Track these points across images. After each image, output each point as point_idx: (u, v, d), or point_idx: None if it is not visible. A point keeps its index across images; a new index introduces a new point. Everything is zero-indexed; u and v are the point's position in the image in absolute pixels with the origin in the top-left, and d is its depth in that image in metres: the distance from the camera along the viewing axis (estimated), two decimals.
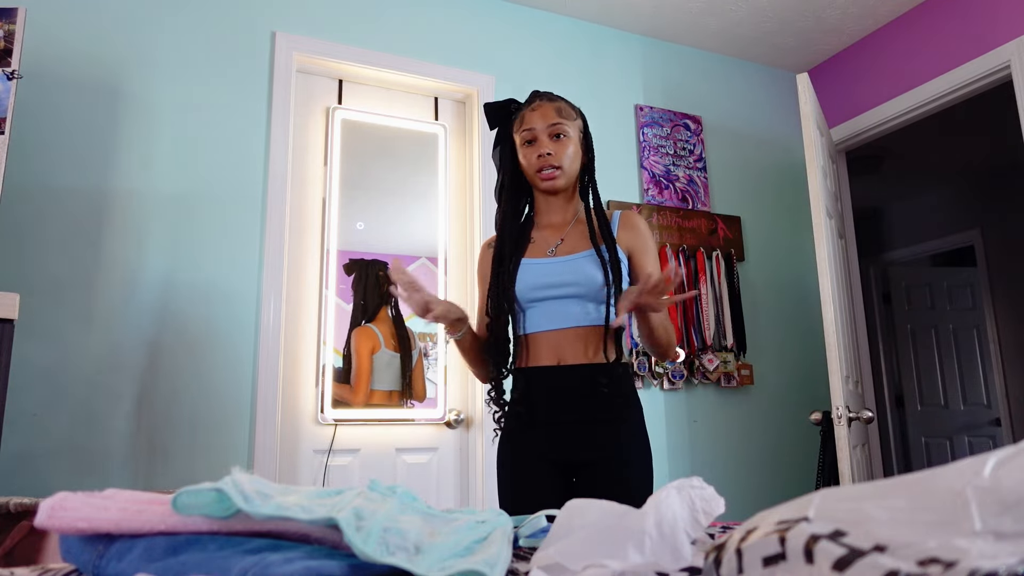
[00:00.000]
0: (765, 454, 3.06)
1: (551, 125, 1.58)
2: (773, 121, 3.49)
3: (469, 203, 2.81)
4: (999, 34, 2.75)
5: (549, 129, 1.58)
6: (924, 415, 4.99)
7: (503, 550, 0.57)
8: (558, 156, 1.57)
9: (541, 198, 1.66)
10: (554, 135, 1.58)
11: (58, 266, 2.13)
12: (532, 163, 1.59)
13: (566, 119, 1.60)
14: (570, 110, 1.63)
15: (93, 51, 2.29)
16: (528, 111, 1.61)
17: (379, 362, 2.51)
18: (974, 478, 0.36)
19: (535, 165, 1.58)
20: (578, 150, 1.62)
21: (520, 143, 1.62)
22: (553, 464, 1.53)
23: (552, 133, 1.58)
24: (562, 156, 1.57)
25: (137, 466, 2.12)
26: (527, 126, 1.60)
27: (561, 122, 1.59)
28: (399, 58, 2.73)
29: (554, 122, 1.58)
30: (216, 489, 0.52)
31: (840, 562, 0.33)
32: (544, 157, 1.56)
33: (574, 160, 1.60)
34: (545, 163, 1.57)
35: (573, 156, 1.60)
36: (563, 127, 1.59)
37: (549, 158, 1.56)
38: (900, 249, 5.34)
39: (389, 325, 2.56)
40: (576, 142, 1.61)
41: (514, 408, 1.57)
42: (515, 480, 1.57)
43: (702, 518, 0.59)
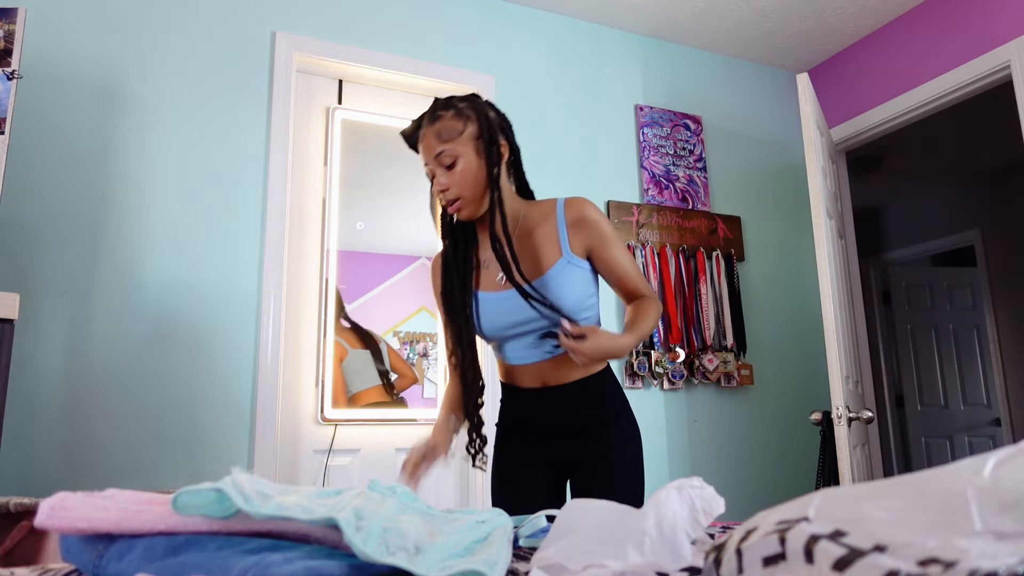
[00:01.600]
0: (765, 454, 3.06)
1: (436, 156, 1.43)
2: (773, 121, 3.49)
3: None
4: (999, 34, 2.75)
5: (436, 161, 1.43)
6: (924, 415, 4.99)
7: (503, 550, 0.57)
8: (453, 187, 1.42)
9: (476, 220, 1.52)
10: (445, 165, 1.43)
11: (58, 266, 2.13)
12: (438, 198, 1.47)
13: (450, 140, 1.42)
14: (455, 124, 1.43)
15: (93, 51, 2.29)
16: (419, 143, 1.48)
17: (351, 366, 2.50)
18: (974, 478, 0.36)
19: (440, 200, 1.46)
20: (478, 163, 1.43)
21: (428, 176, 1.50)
22: (547, 464, 1.54)
23: (442, 164, 1.43)
24: (457, 185, 1.42)
25: (137, 466, 2.12)
26: (423, 160, 1.47)
27: (444, 148, 1.42)
28: (399, 58, 2.73)
29: (438, 152, 1.43)
30: (216, 489, 0.52)
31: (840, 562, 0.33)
32: (440, 193, 1.44)
33: (475, 180, 1.43)
34: (444, 199, 1.45)
35: (471, 177, 1.43)
36: (449, 151, 1.42)
37: (445, 194, 1.43)
38: (900, 249, 5.34)
39: (346, 332, 2.54)
40: (472, 156, 1.43)
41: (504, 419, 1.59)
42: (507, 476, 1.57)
43: (702, 518, 0.59)
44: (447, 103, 1.47)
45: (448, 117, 1.44)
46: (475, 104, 1.47)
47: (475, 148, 1.44)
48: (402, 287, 2.64)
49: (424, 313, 2.65)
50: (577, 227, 1.46)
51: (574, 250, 1.46)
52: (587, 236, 1.46)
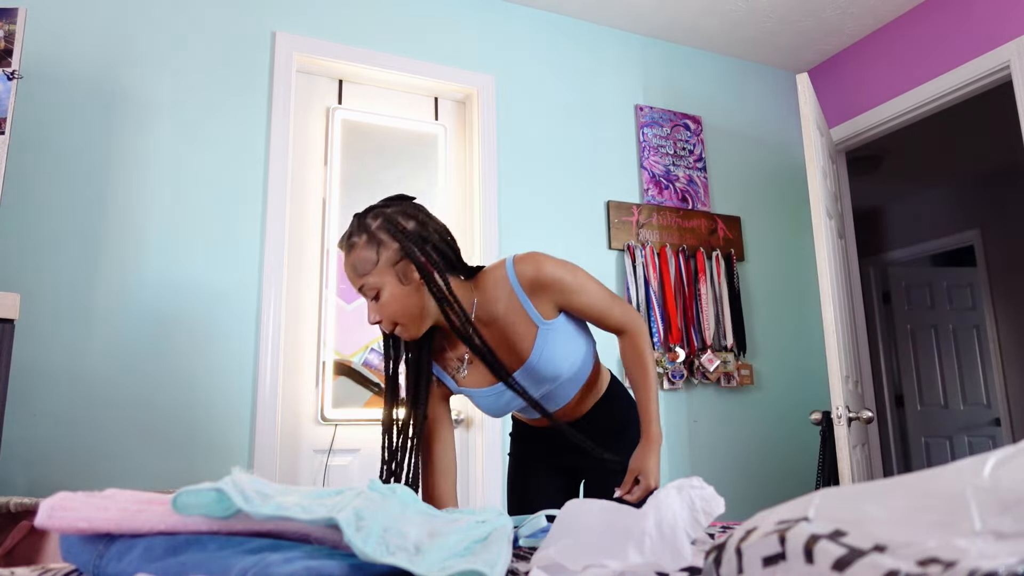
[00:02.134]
0: (765, 454, 3.06)
1: (360, 290, 1.36)
2: (773, 121, 3.49)
3: (469, 203, 2.81)
4: (999, 34, 2.75)
5: (362, 293, 1.36)
6: (924, 415, 4.99)
7: (503, 550, 0.57)
8: (386, 319, 1.34)
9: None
10: (371, 297, 1.35)
11: (58, 266, 2.13)
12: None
13: (367, 274, 1.33)
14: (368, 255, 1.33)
15: (93, 51, 2.29)
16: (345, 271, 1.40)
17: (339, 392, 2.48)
18: (974, 478, 0.36)
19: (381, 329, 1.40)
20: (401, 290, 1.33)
21: None
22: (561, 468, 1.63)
23: (368, 296, 1.35)
24: (388, 314, 1.34)
25: (137, 466, 2.12)
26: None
27: (364, 283, 1.33)
28: (399, 58, 2.73)
29: (359, 286, 1.35)
30: (216, 489, 0.52)
31: (840, 562, 0.33)
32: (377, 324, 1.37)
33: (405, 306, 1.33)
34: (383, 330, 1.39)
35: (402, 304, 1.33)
36: (370, 284, 1.33)
37: (380, 325, 1.37)
38: (900, 249, 5.34)
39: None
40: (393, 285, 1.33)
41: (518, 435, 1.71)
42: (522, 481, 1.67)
43: (702, 518, 0.59)
44: (361, 224, 1.36)
45: (361, 246, 1.34)
46: (390, 220, 1.35)
47: (395, 275, 1.33)
48: None
49: None
50: (537, 291, 1.38)
51: (544, 315, 1.38)
52: (551, 295, 1.38)
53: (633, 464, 1.42)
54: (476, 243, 2.72)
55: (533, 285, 1.37)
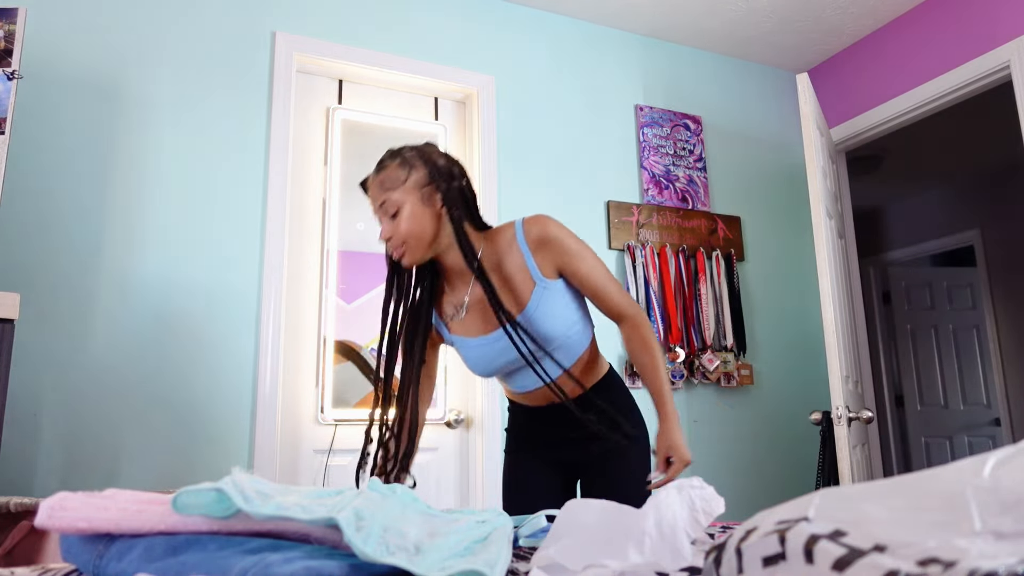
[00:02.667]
0: (765, 454, 3.06)
1: (380, 205, 1.43)
2: (773, 121, 3.49)
3: None
4: (999, 34, 2.75)
5: (380, 210, 1.44)
6: (924, 415, 4.99)
7: (503, 550, 0.57)
8: (396, 235, 1.41)
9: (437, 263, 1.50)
10: (389, 214, 1.42)
11: (58, 266, 2.13)
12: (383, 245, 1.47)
13: (392, 188, 1.42)
14: (398, 171, 1.43)
15: (93, 51, 2.29)
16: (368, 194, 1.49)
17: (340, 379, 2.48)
18: (974, 478, 0.36)
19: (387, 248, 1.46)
20: (421, 210, 1.41)
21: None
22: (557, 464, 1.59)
23: (387, 213, 1.42)
24: (400, 233, 1.40)
25: (137, 466, 2.12)
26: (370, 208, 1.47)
27: (386, 197, 1.42)
28: (399, 58, 2.73)
29: (380, 201, 1.43)
30: (216, 489, 0.52)
31: (840, 562, 0.33)
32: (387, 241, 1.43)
33: (418, 227, 1.41)
34: (389, 247, 1.44)
35: (416, 223, 1.40)
36: (391, 200, 1.41)
37: (389, 243, 1.43)
38: (900, 249, 5.34)
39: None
40: (414, 204, 1.41)
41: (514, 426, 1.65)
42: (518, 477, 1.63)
43: (702, 518, 0.59)
44: (395, 152, 1.46)
45: (392, 167, 1.44)
46: (423, 152, 1.46)
47: (420, 196, 1.41)
48: None
49: None
50: (541, 248, 1.43)
51: (544, 273, 1.43)
52: (552, 255, 1.43)
53: (660, 444, 1.41)
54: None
55: (537, 242, 1.43)
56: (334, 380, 2.48)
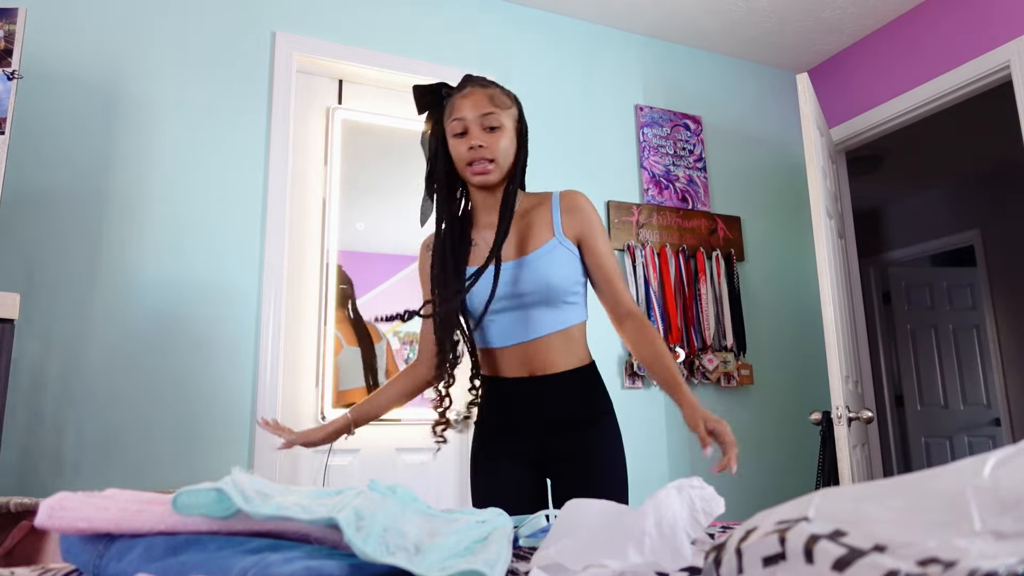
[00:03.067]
0: (765, 454, 3.06)
1: (483, 115, 1.44)
2: (773, 121, 3.49)
3: None
4: (999, 34, 2.75)
5: (481, 120, 1.44)
6: (924, 415, 4.99)
7: (503, 550, 0.57)
8: (491, 148, 1.43)
9: (477, 194, 1.53)
10: (487, 127, 1.44)
11: (58, 266, 2.13)
12: (462, 156, 1.45)
13: (500, 107, 1.46)
14: (504, 97, 1.49)
15: (93, 51, 2.29)
16: (459, 98, 1.47)
17: (342, 362, 2.50)
18: (974, 478, 0.36)
19: (465, 158, 1.45)
20: (513, 142, 1.48)
21: (450, 133, 1.48)
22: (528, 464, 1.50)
23: (485, 125, 1.44)
24: (495, 148, 1.44)
25: (137, 466, 2.12)
26: (457, 115, 1.45)
27: (494, 111, 1.44)
28: (399, 58, 2.73)
29: (486, 111, 1.44)
30: (216, 489, 0.52)
31: (840, 562, 0.33)
32: (475, 150, 1.43)
33: (508, 153, 1.47)
34: (476, 156, 1.43)
35: (508, 148, 1.46)
36: (496, 116, 1.44)
37: (481, 151, 1.43)
38: (900, 249, 5.34)
39: (347, 324, 2.54)
40: (511, 133, 1.47)
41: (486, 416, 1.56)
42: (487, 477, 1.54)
43: (702, 518, 0.59)
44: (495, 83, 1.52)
45: (499, 91, 1.50)
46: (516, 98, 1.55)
47: (513, 127, 1.49)
48: (402, 287, 2.64)
49: None
50: (570, 213, 1.50)
51: (566, 234, 1.49)
52: (579, 223, 1.49)
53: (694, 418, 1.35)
54: None
55: (570, 206, 1.50)
56: (338, 362, 2.48)
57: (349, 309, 2.54)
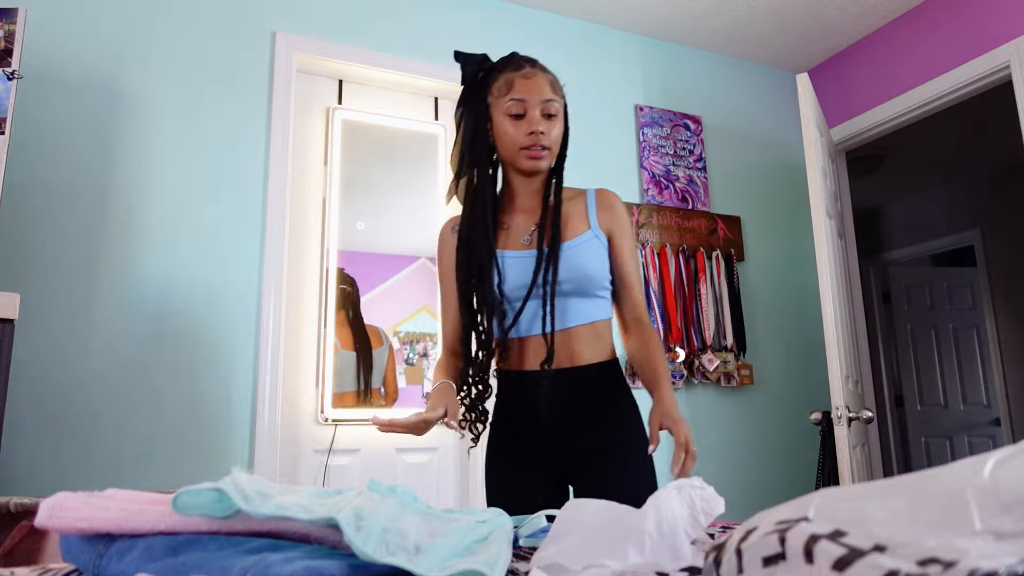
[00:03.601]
0: (765, 454, 3.06)
1: (545, 101, 1.43)
2: (773, 121, 3.49)
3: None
4: (999, 34, 2.75)
5: (543, 105, 1.43)
6: (924, 415, 4.99)
7: (503, 550, 0.57)
8: (548, 135, 1.43)
9: (517, 178, 1.49)
10: (547, 113, 1.43)
11: (58, 266, 2.13)
12: (518, 139, 1.42)
13: (558, 95, 1.47)
14: (559, 86, 1.50)
15: (93, 51, 2.29)
16: (519, 78, 1.44)
17: (339, 366, 2.49)
18: (974, 478, 0.36)
19: (522, 142, 1.42)
20: (561, 129, 1.48)
21: (503, 113, 1.43)
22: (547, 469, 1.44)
23: (545, 111, 1.43)
24: (552, 136, 1.44)
25: (137, 466, 2.12)
26: (517, 95, 1.42)
27: (554, 99, 1.45)
28: (399, 58, 2.73)
29: (548, 98, 1.43)
30: (216, 489, 0.52)
31: (840, 562, 0.33)
32: (537, 135, 1.41)
33: (559, 142, 1.47)
34: (536, 142, 1.41)
35: (559, 137, 1.47)
36: (556, 104, 1.45)
37: (541, 137, 1.41)
38: (900, 249, 5.34)
39: (347, 327, 2.53)
40: (563, 120, 1.49)
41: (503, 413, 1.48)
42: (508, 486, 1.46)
43: (702, 518, 0.59)
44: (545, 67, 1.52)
45: (554, 77, 1.51)
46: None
47: (564, 115, 1.49)
48: (402, 287, 2.64)
49: (424, 313, 2.65)
50: (605, 208, 1.50)
51: (600, 227, 1.49)
52: (611, 219, 1.50)
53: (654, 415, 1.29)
54: None
55: (605, 203, 1.51)
56: (333, 393, 2.48)
57: (349, 311, 2.54)
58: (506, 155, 1.46)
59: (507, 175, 1.51)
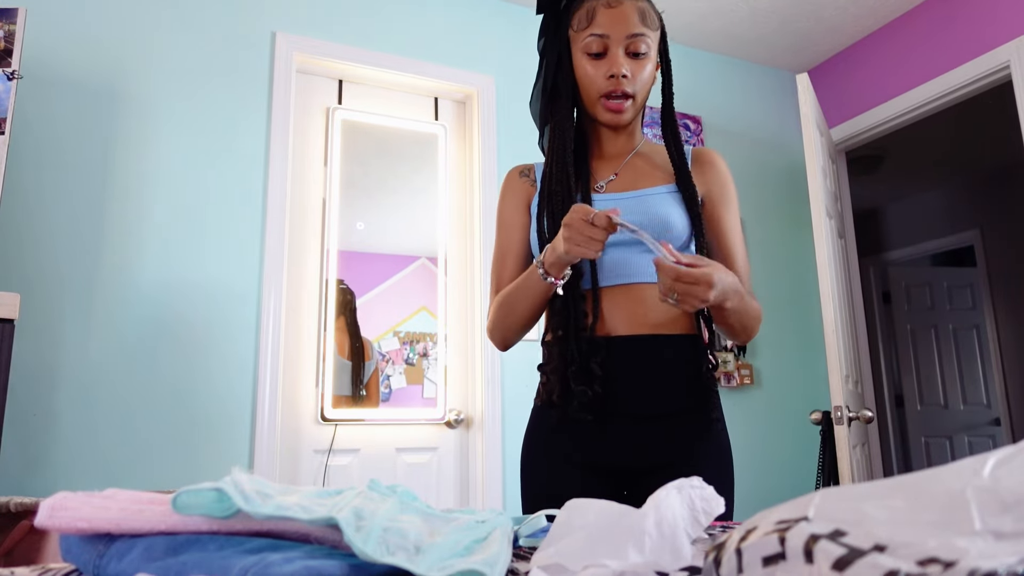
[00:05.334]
0: (765, 454, 3.06)
1: (631, 37, 1.17)
2: (773, 121, 3.49)
3: (469, 203, 2.81)
4: (998, 34, 2.75)
5: (627, 42, 1.17)
6: (924, 415, 4.99)
7: (503, 550, 0.57)
8: (633, 80, 1.18)
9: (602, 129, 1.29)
10: (633, 52, 1.17)
11: (58, 266, 2.13)
12: (597, 84, 1.19)
13: (649, 28, 1.18)
14: (653, 15, 1.21)
15: (93, 51, 2.29)
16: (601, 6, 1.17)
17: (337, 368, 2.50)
18: (974, 478, 0.36)
19: (602, 87, 1.19)
20: (652, 70, 1.21)
21: (583, 49, 1.19)
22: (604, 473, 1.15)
23: (631, 49, 1.17)
24: (638, 80, 1.18)
25: (137, 466, 2.12)
26: (597, 29, 1.17)
27: (644, 33, 1.17)
28: (399, 58, 2.73)
29: (636, 32, 1.16)
30: (216, 489, 0.52)
31: (840, 562, 0.33)
32: (617, 80, 1.17)
33: (648, 85, 1.22)
34: (618, 88, 1.17)
35: (648, 80, 1.21)
36: (645, 40, 1.17)
37: (623, 82, 1.17)
38: (900, 249, 5.34)
39: (345, 335, 2.53)
40: (654, 58, 1.21)
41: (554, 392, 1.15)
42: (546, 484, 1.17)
43: (702, 518, 0.59)
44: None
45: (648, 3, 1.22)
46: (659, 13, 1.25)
47: (657, 52, 1.23)
48: (402, 287, 2.64)
49: (424, 313, 2.65)
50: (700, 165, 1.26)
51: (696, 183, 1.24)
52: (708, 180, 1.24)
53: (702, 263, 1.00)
54: (476, 243, 2.72)
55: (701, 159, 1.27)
56: (333, 393, 2.48)
57: (347, 317, 2.54)
58: (586, 101, 1.23)
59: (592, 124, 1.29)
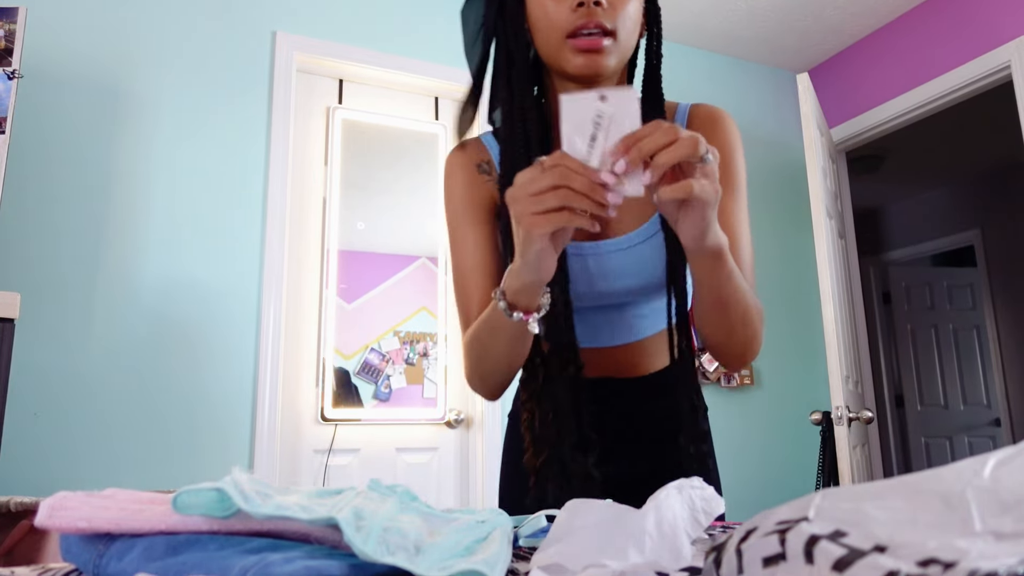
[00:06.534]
0: (765, 454, 3.06)
1: None
2: (773, 121, 3.49)
3: None
4: (999, 34, 2.75)
5: None
6: (924, 415, 4.99)
7: (503, 550, 0.57)
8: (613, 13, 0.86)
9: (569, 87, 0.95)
10: None
11: (58, 266, 2.13)
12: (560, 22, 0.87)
13: None
14: None
15: (93, 51, 2.29)
16: None
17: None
18: (974, 479, 0.36)
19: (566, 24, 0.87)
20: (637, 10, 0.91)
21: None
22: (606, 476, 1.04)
23: None
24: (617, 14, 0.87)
25: (137, 466, 2.12)
26: None
27: None
28: (399, 58, 2.73)
29: None
30: (216, 489, 0.52)
31: (840, 562, 0.33)
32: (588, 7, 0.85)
33: (632, 29, 0.91)
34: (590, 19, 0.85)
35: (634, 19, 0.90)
36: None
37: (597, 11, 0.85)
38: (900, 249, 5.34)
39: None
40: (638, 6, 0.91)
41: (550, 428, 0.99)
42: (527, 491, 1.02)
43: (702, 518, 0.59)
44: None
45: None
46: None
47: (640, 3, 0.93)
48: (402, 287, 2.64)
49: (424, 313, 2.65)
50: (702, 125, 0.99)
51: None
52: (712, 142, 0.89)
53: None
54: None
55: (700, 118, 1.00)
56: (333, 393, 2.48)
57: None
58: (547, 52, 0.93)
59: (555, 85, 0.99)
